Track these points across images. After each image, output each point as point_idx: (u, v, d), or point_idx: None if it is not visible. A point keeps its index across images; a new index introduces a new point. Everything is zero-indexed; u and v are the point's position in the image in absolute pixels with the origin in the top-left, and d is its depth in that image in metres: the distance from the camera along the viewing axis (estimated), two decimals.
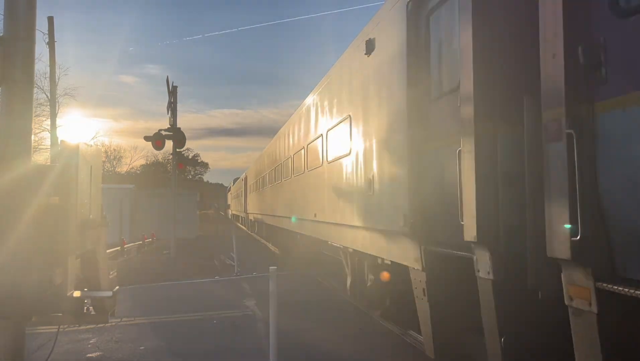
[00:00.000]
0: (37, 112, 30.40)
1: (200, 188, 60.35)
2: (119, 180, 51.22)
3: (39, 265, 3.09)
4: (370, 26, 7.36)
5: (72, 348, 6.69)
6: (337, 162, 8.89)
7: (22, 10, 3.50)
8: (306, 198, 11.94)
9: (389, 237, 6.34)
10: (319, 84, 11.03)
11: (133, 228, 26.24)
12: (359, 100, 7.66)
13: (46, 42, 18.55)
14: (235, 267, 14.54)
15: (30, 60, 3.54)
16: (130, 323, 8.02)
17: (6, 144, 3.37)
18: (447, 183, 4.78)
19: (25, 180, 3.19)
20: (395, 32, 6.05)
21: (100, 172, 4.00)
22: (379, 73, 6.78)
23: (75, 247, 3.35)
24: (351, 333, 7.23)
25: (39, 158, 28.84)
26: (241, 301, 9.62)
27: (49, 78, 20.78)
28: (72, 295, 3.27)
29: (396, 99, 6.04)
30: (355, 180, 7.73)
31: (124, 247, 18.39)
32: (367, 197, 7.14)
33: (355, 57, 7.99)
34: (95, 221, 3.73)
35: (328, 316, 8.27)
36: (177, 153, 19.59)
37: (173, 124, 18.79)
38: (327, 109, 9.94)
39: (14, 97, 3.42)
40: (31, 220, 3.10)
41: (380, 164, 6.66)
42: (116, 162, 65.71)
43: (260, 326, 7.55)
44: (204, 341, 6.99)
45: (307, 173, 11.76)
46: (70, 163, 3.33)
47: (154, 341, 7.01)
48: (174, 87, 19.43)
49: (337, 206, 8.94)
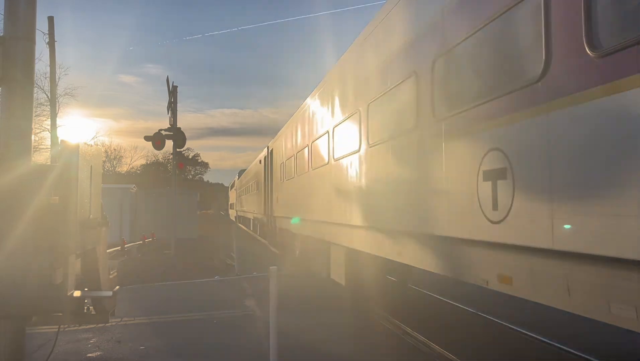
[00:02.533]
0: (37, 112, 30.45)
1: (200, 188, 60.35)
2: (119, 180, 51.26)
3: (39, 265, 3.08)
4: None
5: (72, 348, 6.69)
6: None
7: (22, 10, 3.49)
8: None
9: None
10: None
11: (133, 228, 26.25)
12: None
13: (46, 42, 18.56)
14: (235, 267, 14.55)
15: (30, 60, 3.54)
16: (131, 323, 8.03)
17: (6, 144, 3.37)
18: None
19: (26, 180, 3.19)
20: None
21: (100, 171, 4.00)
22: None
23: (76, 247, 3.35)
24: (351, 332, 7.24)
25: (39, 158, 28.88)
26: (241, 301, 9.62)
27: (49, 78, 20.84)
28: (72, 295, 3.27)
29: None
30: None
31: (124, 246, 18.39)
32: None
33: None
34: (96, 221, 3.73)
35: (328, 316, 8.28)
36: (177, 153, 19.60)
37: (173, 124, 18.79)
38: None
39: (14, 97, 3.42)
40: (31, 220, 3.10)
41: None
42: (116, 161, 65.87)
43: (261, 326, 7.55)
44: (205, 341, 6.99)
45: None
46: (70, 163, 3.33)
47: (155, 341, 7.01)
48: (174, 86, 19.43)
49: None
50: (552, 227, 3.33)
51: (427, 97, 5.20)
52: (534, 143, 3.54)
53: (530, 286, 3.66)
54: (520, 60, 3.85)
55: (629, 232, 2.72)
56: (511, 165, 3.80)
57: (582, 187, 3.11)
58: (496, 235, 3.99)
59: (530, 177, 3.61)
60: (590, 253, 3.02)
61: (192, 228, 28.85)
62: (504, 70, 4.02)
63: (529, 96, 3.58)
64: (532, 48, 3.60)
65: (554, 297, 3.42)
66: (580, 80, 3.10)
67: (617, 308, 2.91)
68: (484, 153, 4.14)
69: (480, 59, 4.39)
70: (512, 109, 3.78)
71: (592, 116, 3.02)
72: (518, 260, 3.79)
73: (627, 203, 2.77)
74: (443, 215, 4.88)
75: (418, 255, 5.64)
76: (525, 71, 3.72)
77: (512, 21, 3.89)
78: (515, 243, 3.76)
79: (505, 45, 4.02)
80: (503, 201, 3.87)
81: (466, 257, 4.57)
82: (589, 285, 3.17)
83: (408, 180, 5.73)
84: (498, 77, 4.12)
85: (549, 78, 3.36)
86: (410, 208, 5.69)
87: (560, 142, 3.28)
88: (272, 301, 5.56)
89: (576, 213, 3.17)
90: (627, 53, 2.73)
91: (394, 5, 6.30)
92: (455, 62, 4.83)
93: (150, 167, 68.64)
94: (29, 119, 3.52)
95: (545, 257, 3.46)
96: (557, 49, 3.30)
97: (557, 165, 3.32)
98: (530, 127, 3.58)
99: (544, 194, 3.42)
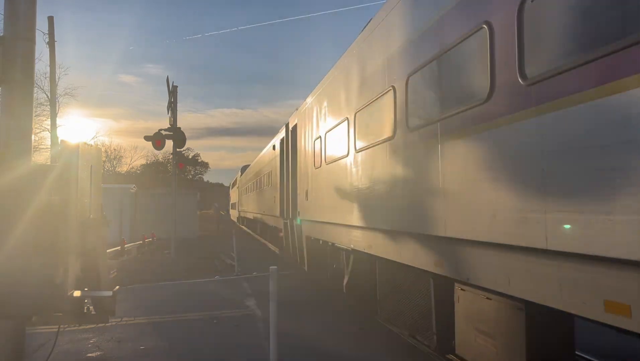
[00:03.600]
0: (37, 112, 30.45)
1: (200, 188, 60.36)
2: (119, 180, 51.27)
3: (39, 265, 3.09)
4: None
5: (72, 348, 6.69)
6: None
7: (22, 10, 3.50)
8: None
9: None
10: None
11: (133, 228, 26.24)
12: None
13: (46, 42, 18.54)
14: (235, 267, 14.55)
15: (30, 60, 3.54)
16: (131, 323, 8.03)
17: (6, 144, 3.37)
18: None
19: (26, 180, 3.19)
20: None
21: (100, 171, 4.00)
22: None
23: (76, 247, 3.35)
24: (351, 332, 7.24)
25: (39, 158, 28.91)
26: (242, 301, 9.63)
27: (49, 78, 20.81)
28: (72, 295, 3.27)
29: None
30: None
31: (124, 246, 18.38)
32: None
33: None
34: (96, 221, 3.73)
35: (328, 315, 8.28)
36: (177, 153, 19.59)
37: (173, 124, 18.78)
38: None
39: (14, 97, 3.43)
40: (31, 220, 3.10)
41: None
42: (116, 161, 65.87)
43: (261, 326, 7.55)
44: (205, 341, 6.99)
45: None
46: (70, 163, 3.33)
47: (155, 341, 7.01)
48: (174, 86, 19.42)
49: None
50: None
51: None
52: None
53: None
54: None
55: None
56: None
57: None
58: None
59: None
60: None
61: (192, 228, 28.86)
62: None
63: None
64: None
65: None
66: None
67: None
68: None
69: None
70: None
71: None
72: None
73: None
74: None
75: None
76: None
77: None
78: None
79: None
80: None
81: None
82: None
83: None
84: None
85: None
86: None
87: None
88: (272, 302, 5.56)
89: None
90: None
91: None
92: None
93: (150, 167, 68.67)
94: (29, 119, 3.53)
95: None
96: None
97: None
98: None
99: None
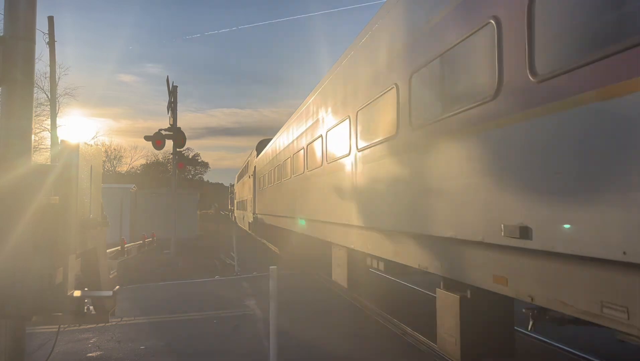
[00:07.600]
0: (37, 112, 30.45)
1: (200, 188, 60.33)
2: (119, 180, 51.25)
3: (39, 265, 3.09)
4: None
5: (72, 347, 6.69)
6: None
7: (22, 10, 3.50)
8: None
9: None
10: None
11: (133, 228, 26.25)
12: None
13: (46, 42, 18.54)
14: (235, 267, 14.55)
15: (30, 60, 3.54)
16: (131, 323, 8.03)
17: (6, 144, 3.37)
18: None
19: (26, 180, 3.19)
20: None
21: (100, 171, 4.00)
22: None
23: (76, 247, 3.35)
24: (351, 332, 7.24)
25: (39, 158, 28.88)
26: (242, 301, 9.63)
27: (49, 78, 20.82)
28: (72, 295, 3.27)
29: None
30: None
31: (124, 246, 18.38)
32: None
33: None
34: (96, 221, 3.73)
35: (328, 315, 8.27)
36: (177, 153, 19.59)
37: (173, 124, 18.78)
38: None
39: (14, 97, 3.42)
40: (31, 220, 3.10)
41: None
42: (116, 161, 65.84)
43: (261, 326, 7.55)
44: (205, 340, 6.99)
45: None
46: (70, 163, 3.33)
47: (155, 340, 7.01)
48: (174, 86, 19.42)
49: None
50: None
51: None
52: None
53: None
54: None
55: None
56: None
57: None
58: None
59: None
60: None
61: (192, 228, 28.87)
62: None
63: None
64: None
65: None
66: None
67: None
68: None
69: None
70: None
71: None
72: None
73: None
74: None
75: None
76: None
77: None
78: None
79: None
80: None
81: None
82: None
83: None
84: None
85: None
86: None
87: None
88: (272, 301, 5.56)
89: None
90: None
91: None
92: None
93: (150, 167, 68.63)
94: (29, 119, 3.52)
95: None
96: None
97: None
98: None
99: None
